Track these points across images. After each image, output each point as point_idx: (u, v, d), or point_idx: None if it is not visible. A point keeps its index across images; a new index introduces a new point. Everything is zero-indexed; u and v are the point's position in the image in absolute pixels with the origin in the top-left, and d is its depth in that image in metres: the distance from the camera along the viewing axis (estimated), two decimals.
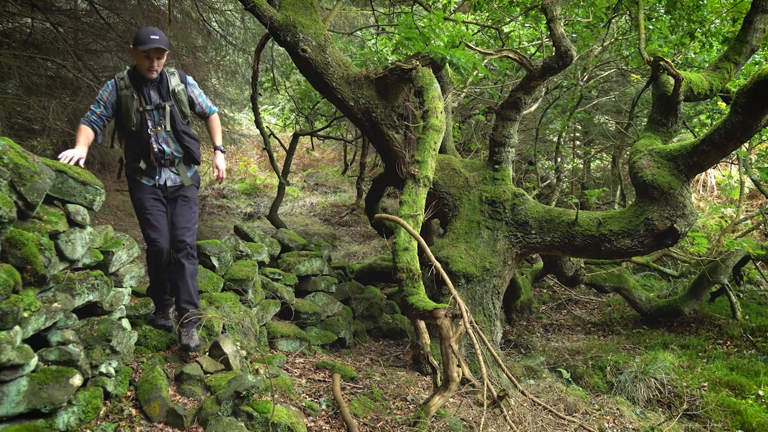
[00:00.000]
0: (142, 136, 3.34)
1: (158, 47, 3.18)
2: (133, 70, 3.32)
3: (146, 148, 3.36)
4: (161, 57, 3.25)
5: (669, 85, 5.05)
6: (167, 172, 3.45)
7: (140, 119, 3.31)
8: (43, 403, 2.54)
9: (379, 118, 5.14)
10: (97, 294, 3.04)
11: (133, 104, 3.28)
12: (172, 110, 3.39)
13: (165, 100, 3.37)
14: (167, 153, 3.41)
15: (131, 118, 3.29)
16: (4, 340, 2.36)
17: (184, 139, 3.46)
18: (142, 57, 3.20)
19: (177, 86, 3.43)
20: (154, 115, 3.35)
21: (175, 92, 3.41)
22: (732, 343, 6.46)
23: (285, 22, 4.86)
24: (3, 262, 2.51)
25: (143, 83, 3.31)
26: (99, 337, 2.96)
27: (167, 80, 3.40)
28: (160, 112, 3.36)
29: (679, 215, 4.68)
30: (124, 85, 3.29)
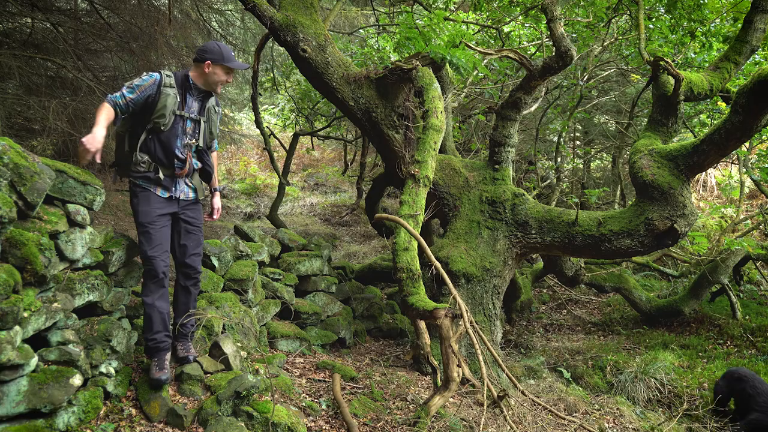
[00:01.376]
0: (171, 141, 3.13)
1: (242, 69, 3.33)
2: (185, 76, 3.20)
3: (171, 155, 3.15)
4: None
5: (669, 85, 5.05)
6: (182, 185, 3.26)
7: (174, 122, 3.13)
8: (43, 403, 2.54)
9: (379, 118, 5.14)
10: (97, 294, 3.04)
11: (173, 105, 3.11)
12: (206, 127, 3.31)
13: (201, 114, 3.28)
14: (189, 164, 3.22)
15: (165, 117, 3.08)
16: (4, 340, 2.36)
17: (203, 157, 3.37)
18: (222, 72, 3.19)
19: (214, 107, 3.35)
20: (188, 124, 3.22)
21: (211, 111, 3.33)
22: (732, 343, 6.46)
23: (285, 22, 4.86)
24: (3, 262, 2.51)
25: (189, 91, 3.21)
26: (99, 337, 2.96)
27: (208, 97, 3.31)
28: (196, 124, 3.26)
29: (679, 215, 4.68)
30: (170, 84, 3.12)
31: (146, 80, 3.08)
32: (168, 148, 3.14)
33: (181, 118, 3.17)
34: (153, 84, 3.08)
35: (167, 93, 3.10)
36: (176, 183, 3.22)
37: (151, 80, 3.08)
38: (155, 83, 3.08)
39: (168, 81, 3.12)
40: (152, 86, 3.08)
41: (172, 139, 3.14)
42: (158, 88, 3.09)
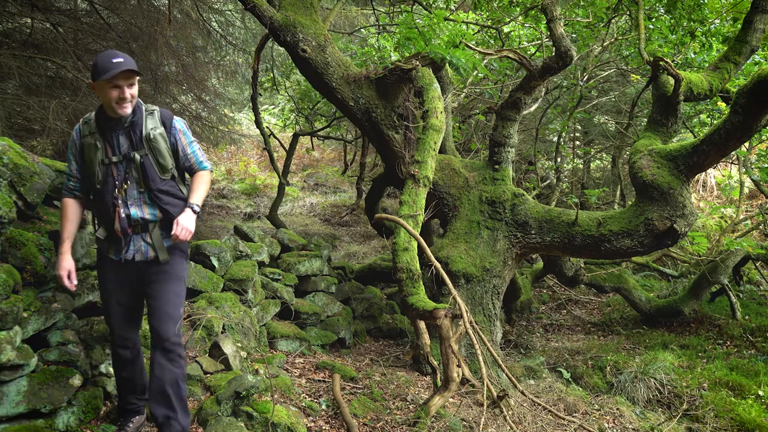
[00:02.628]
0: (105, 196, 2.53)
1: (126, 70, 2.41)
2: (100, 111, 2.57)
3: (110, 212, 2.54)
4: (132, 83, 2.49)
5: (669, 85, 5.06)
6: (137, 243, 2.59)
7: (104, 174, 2.53)
8: (43, 403, 2.54)
9: (379, 118, 5.14)
10: (97, 294, 3.04)
11: (96, 155, 2.52)
12: (145, 162, 2.55)
13: (136, 148, 2.55)
14: (134, 218, 2.55)
15: (94, 173, 2.53)
16: (4, 340, 2.36)
17: (161, 200, 2.59)
18: (108, 88, 2.44)
19: (153, 130, 2.59)
20: (120, 169, 2.54)
21: (150, 138, 2.57)
22: (732, 343, 6.46)
23: (285, 22, 4.86)
24: (3, 262, 2.51)
25: (111, 127, 2.55)
26: (99, 337, 2.96)
27: (142, 122, 2.59)
28: (128, 164, 2.54)
29: (679, 215, 4.68)
30: (88, 131, 2.55)
31: (71, 141, 2.61)
32: (106, 205, 2.54)
33: (114, 165, 2.54)
34: (75, 140, 2.59)
35: (88, 143, 2.54)
36: (128, 243, 2.58)
37: (73, 137, 2.60)
38: (77, 137, 2.58)
39: (86, 128, 2.58)
40: (75, 143, 2.58)
41: (106, 193, 2.54)
42: (80, 141, 2.57)
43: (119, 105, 2.47)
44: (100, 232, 2.62)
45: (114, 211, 2.53)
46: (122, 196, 2.54)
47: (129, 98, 2.49)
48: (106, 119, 2.55)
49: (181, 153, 2.70)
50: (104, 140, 2.54)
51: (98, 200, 2.57)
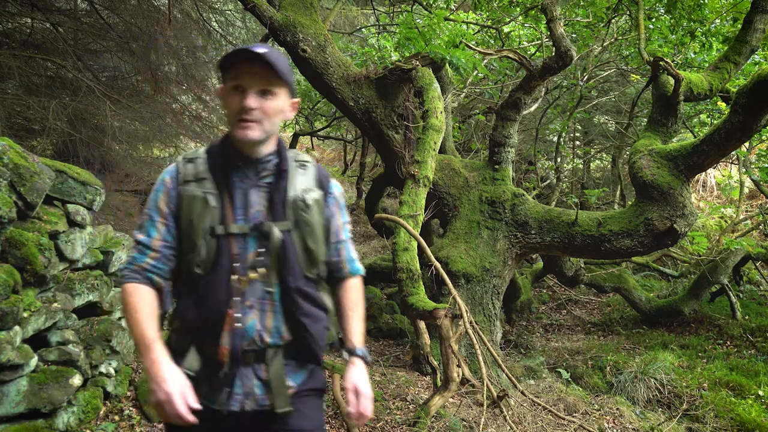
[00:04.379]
0: (212, 290, 1.45)
1: (258, 59, 1.40)
2: (220, 145, 1.55)
3: (216, 319, 1.45)
4: (268, 91, 1.45)
5: (669, 85, 5.06)
6: (247, 381, 1.48)
7: (215, 251, 1.46)
8: (43, 403, 2.54)
9: (379, 118, 5.14)
10: (96, 294, 3.04)
11: (204, 217, 1.46)
12: (287, 242, 1.49)
13: (277, 216, 1.50)
14: (250, 335, 1.46)
15: (196, 246, 1.46)
16: (4, 340, 2.36)
17: (300, 308, 1.50)
18: (228, 92, 1.46)
19: (307, 192, 1.56)
20: (246, 247, 1.48)
21: (302, 205, 1.53)
22: (732, 343, 6.47)
23: (285, 22, 4.86)
24: (3, 262, 2.51)
25: (237, 171, 1.51)
26: (99, 337, 2.96)
27: (288, 176, 1.54)
28: (260, 241, 1.48)
29: (679, 215, 4.68)
30: (194, 175, 1.51)
31: (158, 190, 1.54)
32: (203, 304, 1.46)
33: (235, 239, 1.47)
34: (170, 188, 1.52)
35: (191, 195, 1.48)
36: (232, 380, 1.48)
37: (164, 184, 1.53)
38: (172, 184, 1.52)
39: (189, 169, 1.52)
40: (169, 193, 1.51)
41: (214, 284, 1.45)
42: (176, 191, 1.51)
43: (239, 124, 1.43)
44: (190, 360, 1.45)
45: (223, 318, 1.43)
46: (241, 294, 1.45)
47: (258, 115, 1.43)
48: (230, 157, 1.49)
49: (332, 238, 1.64)
50: (221, 193, 1.47)
51: (195, 296, 1.46)
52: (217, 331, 1.44)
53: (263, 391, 1.49)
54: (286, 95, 1.51)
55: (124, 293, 1.45)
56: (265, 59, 1.40)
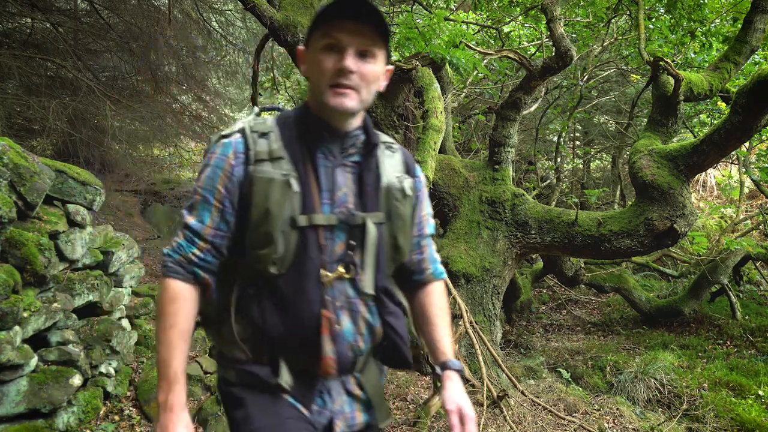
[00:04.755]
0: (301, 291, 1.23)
1: (373, 14, 1.20)
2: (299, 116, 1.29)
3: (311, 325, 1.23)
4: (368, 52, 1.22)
5: (669, 85, 5.05)
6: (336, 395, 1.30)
7: (297, 246, 1.22)
8: (43, 403, 2.54)
9: (379, 118, 5.14)
10: (96, 294, 3.04)
11: (285, 204, 1.20)
12: (380, 237, 1.30)
13: (368, 204, 1.29)
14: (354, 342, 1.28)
15: (273, 240, 1.19)
16: (4, 340, 2.36)
17: (386, 308, 1.33)
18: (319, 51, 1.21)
19: (400, 179, 1.35)
20: (334, 237, 1.26)
21: (396, 193, 1.33)
22: (732, 343, 6.47)
23: (285, 22, 4.86)
24: (3, 262, 2.51)
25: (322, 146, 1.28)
26: (99, 337, 2.96)
27: (377, 158, 1.34)
28: (351, 234, 1.27)
29: (679, 215, 4.68)
30: (267, 152, 1.24)
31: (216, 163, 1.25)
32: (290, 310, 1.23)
33: (324, 231, 1.24)
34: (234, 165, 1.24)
35: (264, 176, 1.21)
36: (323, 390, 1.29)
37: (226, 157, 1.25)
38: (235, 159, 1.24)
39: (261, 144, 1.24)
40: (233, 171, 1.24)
41: (302, 288, 1.23)
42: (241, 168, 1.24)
43: (333, 90, 1.18)
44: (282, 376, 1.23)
45: (319, 321, 1.21)
46: (331, 293, 1.23)
47: (356, 80, 1.20)
48: (312, 129, 1.25)
49: (415, 231, 1.42)
50: (304, 175, 1.22)
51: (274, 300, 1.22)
52: (315, 338, 1.20)
53: (353, 408, 1.27)
54: (383, 60, 1.27)
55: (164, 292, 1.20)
56: (373, 12, 1.17)
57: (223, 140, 1.26)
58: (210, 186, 1.22)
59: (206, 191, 1.23)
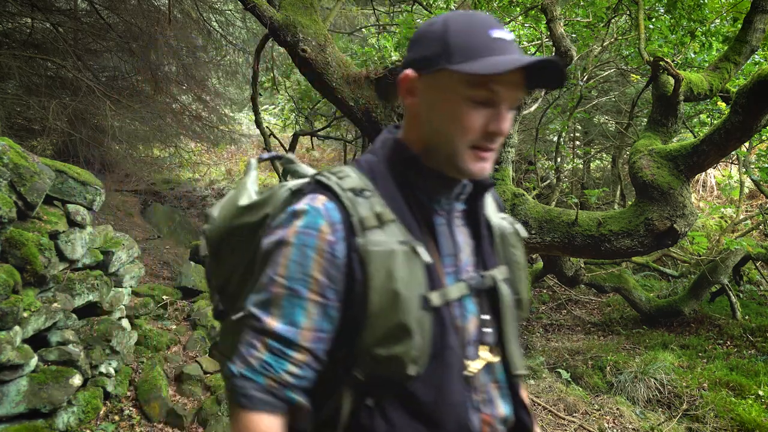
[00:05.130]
0: (440, 395, 0.88)
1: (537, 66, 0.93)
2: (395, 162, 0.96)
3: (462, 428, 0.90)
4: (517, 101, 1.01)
5: (669, 85, 5.06)
6: None
7: (433, 333, 0.87)
8: (43, 403, 2.54)
9: (379, 118, 5.14)
10: (96, 294, 3.04)
11: (414, 281, 0.86)
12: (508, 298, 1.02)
13: (488, 260, 1.02)
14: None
15: (409, 331, 0.84)
16: (4, 340, 2.36)
17: (517, 391, 1.03)
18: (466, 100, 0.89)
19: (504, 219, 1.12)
20: (465, 314, 0.95)
21: (510, 238, 1.10)
22: (732, 343, 6.47)
23: (285, 22, 4.86)
24: (3, 262, 2.51)
25: (431, 199, 0.97)
26: (99, 337, 2.96)
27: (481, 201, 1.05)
28: (483, 303, 0.99)
29: (679, 215, 4.69)
30: (374, 216, 0.88)
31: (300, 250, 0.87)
32: (436, 420, 0.88)
33: (447, 310, 0.91)
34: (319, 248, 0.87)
35: (385, 251, 0.86)
36: None
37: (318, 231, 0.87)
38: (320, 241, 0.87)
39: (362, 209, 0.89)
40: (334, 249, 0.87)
41: (441, 387, 0.89)
42: (343, 245, 0.87)
43: (477, 152, 0.94)
44: None
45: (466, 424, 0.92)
46: (475, 389, 0.96)
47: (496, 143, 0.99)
48: (426, 181, 0.97)
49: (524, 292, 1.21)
50: (423, 240, 0.93)
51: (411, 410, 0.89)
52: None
53: None
54: None
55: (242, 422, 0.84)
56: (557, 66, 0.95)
57: (302, 207, 0.88)
58: (299, 274, 0.85)
59: (294, 282, 0.85)
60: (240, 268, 1.01)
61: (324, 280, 0.85)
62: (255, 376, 0.84)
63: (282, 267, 0.86)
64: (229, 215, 1.05)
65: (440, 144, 0.93)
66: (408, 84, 0.94)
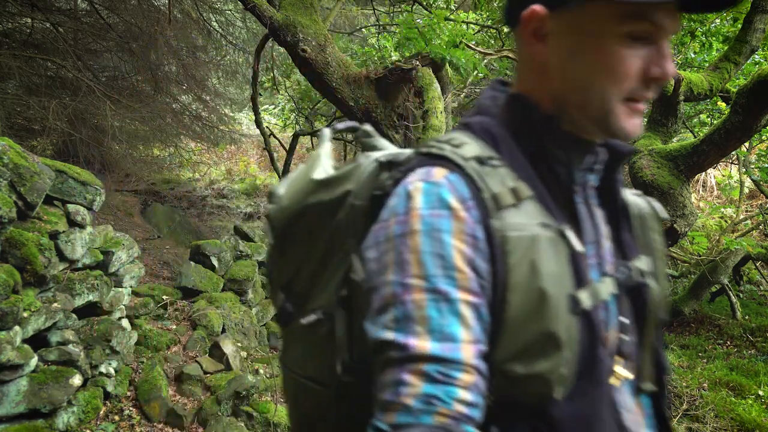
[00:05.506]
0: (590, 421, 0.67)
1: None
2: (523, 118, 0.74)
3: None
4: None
5: (669, 85, 5.06)
6: None
7: (583, 344, 0.65)
8: (43, 403, 2.54)
9: (379, 118, 5.14)
10: (96, 294, 3.04)
11: (562, 276, 0.65)
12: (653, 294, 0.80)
13: (629, 249, 0.80)
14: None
15: (556, 343, 0.63)
16: (4, 340, 2.36)
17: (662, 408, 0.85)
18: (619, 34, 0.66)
19: (640, 196, 0.89)
20: (609, 320, 0.73)
21: (647, 219, 0.86)
22: (732, 343, 6.47)
23: (285, 22, 4.86)
24: (3, 262, 2.51)
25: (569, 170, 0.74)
26: (99, 337, 2.96)
27: (618, 174, 0.81)
28: (625, 305, 0.77)
29: (679, 215, 4.69)
30: (510, 191, 0.67)
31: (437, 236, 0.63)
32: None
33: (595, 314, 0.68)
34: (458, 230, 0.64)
35: (528, 236, 0.65)
36: None
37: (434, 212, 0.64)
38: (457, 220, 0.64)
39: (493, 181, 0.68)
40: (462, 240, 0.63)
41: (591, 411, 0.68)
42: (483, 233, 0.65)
43: (631, 105, 0.70)
44: None
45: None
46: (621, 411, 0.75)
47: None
48: (562, 146, 0.74)
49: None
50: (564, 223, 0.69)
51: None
52: None
53: None
54: None
55: None
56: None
57: (417, 185, 0.67)
58: (441, 269, 0.62)
59: (437, 280, 0.62)
60: (311, 261, 0.82)
61: (471, 272, 0.63)
62: (418, 418, 0.58)
63: (414, 265, 0.62)
64: (300, 192, 0.86)
65: (585, 99, 0.71)
66: (535, 24, 0.71)
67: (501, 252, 0.64)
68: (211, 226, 8.33)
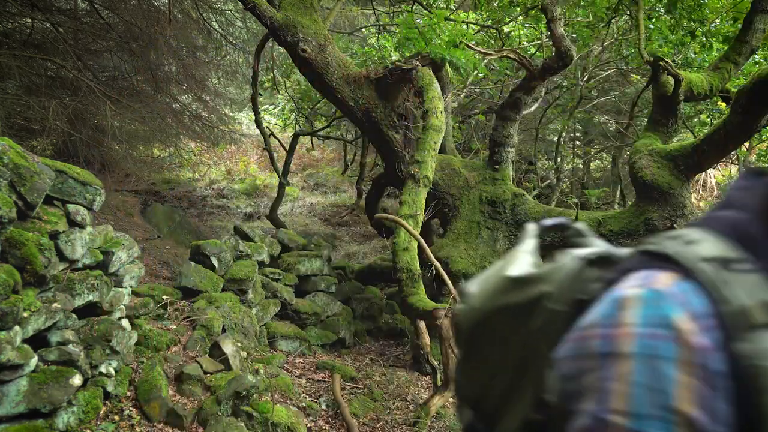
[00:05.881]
0: None
1: None
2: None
3: None
4: None
5: (669, 85, 5.06)
6: None
7: None
8: (43, 403, 2.54)
9: (379, 118, 5.14)
10: (96, 294, 3.04)
11: None
12: None
13: None
14: None
15: None
16: (4, 340, 2.36)
17: None
18: None
19: None
20: None
21: None
22: None
23: (285, 22, 4.86)
24: (3, 262, 2.51)
25: None
26: (99, 337, 2.96)
27: None
28: None
29: (679, 215, 4.68)
30: (763, 305, 0.52)
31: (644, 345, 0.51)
32: None
33: None
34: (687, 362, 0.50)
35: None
36: None
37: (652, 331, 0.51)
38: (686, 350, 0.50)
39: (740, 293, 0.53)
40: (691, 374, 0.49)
41: None
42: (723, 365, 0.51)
43: None
44: None
45: None
46: None
47: None
48: None
49: None
50: None
51: None
52: None
53: None
54: None
55: None
56: None
57: (635, 292, 0.56)
58: (654, 408, 0.49)
59: (647, 424, 0.49)
60: (504, 374, 0.72)
61: (701, 416, 0.49)
62: None
63: (617, 397, 0.50)
64: (492, 291, 0.76)
65: None
66: None
67: (751, 389, 0.50)
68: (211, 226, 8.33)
